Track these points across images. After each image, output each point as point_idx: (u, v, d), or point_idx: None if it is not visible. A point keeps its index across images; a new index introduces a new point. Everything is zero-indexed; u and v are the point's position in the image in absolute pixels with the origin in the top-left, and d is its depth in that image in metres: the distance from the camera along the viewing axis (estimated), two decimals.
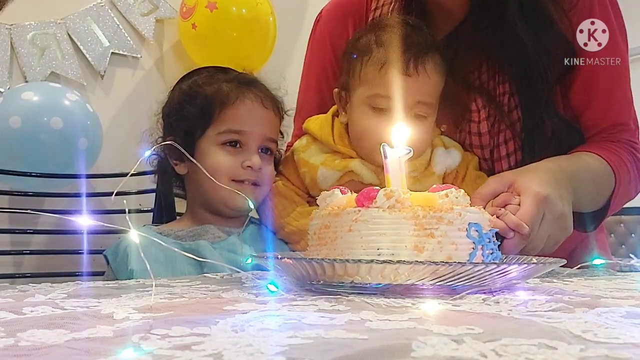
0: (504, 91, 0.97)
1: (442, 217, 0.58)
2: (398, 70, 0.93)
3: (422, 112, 0.96)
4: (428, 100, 0.96)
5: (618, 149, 0.97)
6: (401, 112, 0.92)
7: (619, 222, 3.70)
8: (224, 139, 1.04)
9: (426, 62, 0.94)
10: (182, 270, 0.93)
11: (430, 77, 0.95)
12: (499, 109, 0.97)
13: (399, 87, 0.92)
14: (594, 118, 0.99)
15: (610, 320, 0.41)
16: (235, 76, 1.10)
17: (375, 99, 0.96)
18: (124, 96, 1.96)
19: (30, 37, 1.84)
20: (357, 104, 0.99)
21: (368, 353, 0.31)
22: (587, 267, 0.77)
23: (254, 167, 1.03)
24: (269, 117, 1.07)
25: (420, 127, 0.95)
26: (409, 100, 0.93)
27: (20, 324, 0.40)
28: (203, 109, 1.04)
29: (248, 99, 1.05)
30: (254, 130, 1.04)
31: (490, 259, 0.61)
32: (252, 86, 1.08)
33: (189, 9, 1.90)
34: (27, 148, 1.57)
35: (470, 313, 0.46)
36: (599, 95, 0.99)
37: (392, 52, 0.94)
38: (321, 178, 1.01)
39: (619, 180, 0.94)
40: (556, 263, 0.62)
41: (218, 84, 1.06)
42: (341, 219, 0.61)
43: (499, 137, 0.97)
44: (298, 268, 0.59)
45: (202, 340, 0.34)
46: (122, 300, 0.53)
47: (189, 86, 1.09)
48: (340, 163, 1.00)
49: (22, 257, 1.75)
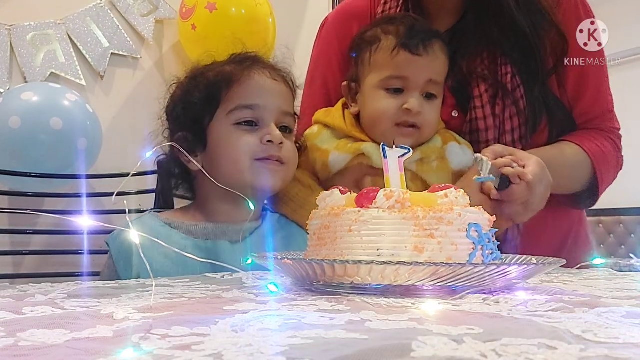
0: (506, 72, 1.03)
1: (442, 218, 0.58)
2: (408, 51, 0.98)
3: (434, 91, 1.01)
4: (438, 78, 1.01)
5: (600, 139, 1.07)
6: (414, 91, 0.98)
7: (619, 223, 3.70)
8: (237, 117, 0.96)
9: (434, 44, 1.00)
10: (194, 267, 0.85)
11: (438, 57, 1.00)
12: (502, 87, 1.03)
13: (409, 66, 0.98)
14: (586, 106, 1.08)
15: (610, 320, 0.41)
16: (235, 57, 1.04)
17: (389, 80, 1.00)
18: (123, 97, 1.96)
19: (30, 37, 1.84)
20: (370, 90, 1.02)
21: (368, 353, 0.31)
22: (588, 267, 0.77)
23: (274, 141, 0.94)
24: (281, 89, 1.00)
25: (432, 106, 1.01)
26: (421, 78, 0.99)
27: (20, 324, 0.40)
28: (209, 92, 0.97)
29: (254, 72, 0.99)
30: (267, 103, 0.97)
31: (490, 259, 0.61)
32: (255, 62, 1.02)
33: (189, 9, 1.90)
34: (27, 148, 1.57)
35: (470, 313, 0.46)
36: (591, 86, 1.08)
37: (401, 37, 0.99)
38: (332, 162, 1.02)
39: (599, 167, 1.04)
40: (556, 263, 0.62)
41: (220, 67, 1.01)
42: (341, 219, 0.61)
43: (505, 114, 1.03)
44: (298, 269, 0.59)
45: (202, 340, 0.34)
46: (122, 300, 0.53)
47: (189, 77, 1.02)
48: (352, 146, 1.01)
49: (22, 258, 1.75)
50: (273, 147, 0.95)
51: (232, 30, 1.88)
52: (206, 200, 1.01)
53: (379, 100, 1.00)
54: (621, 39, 3.14)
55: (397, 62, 0.99)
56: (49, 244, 1.75)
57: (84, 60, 1.91)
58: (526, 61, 1.03)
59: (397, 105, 0.99)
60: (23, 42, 1.83)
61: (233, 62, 1.02)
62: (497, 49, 1.04)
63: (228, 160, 0.95)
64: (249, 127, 0.96)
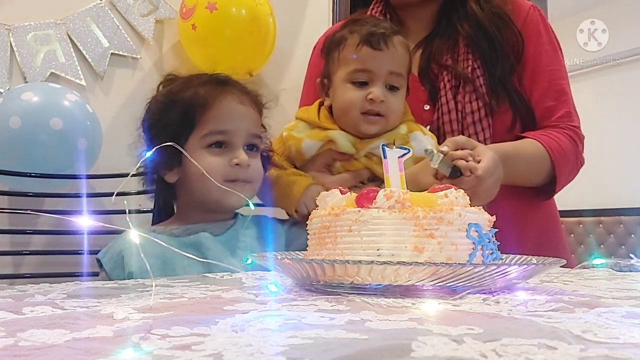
0: (468, 62, 1.18)
1: (442, 218, 0.58)
2: (369, 46, 1.09)
3: (396, 83, 1.11)
4: (398, 70, 1.11)
5: (560, 136, 1.17)
6: (377, 82, 1.10)
7: (619, 223, 3.70)
8: (209, 141, 1.06)
9: (394, 39, 1.11)
10: (181, 265, 0.94)
11: (397, 50, 1.11)
12: (463, 76, 1.17)
13: (373, 60, 1.10)
14: (545, 107, 1.21)
15: (610, 320, 0.41)
16: (208, 78, 1.12)
17: (354, 74, 1.11)
18: (123, 97, 1.96)
19: (30, 37, 1.84)
20: (339, 83, 1.13)
21: (368, 353, 0.31)
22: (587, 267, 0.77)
23: (242, 164, 1.05)
24: (249, 113, 1.10)
25: (395, 96, 1.11)
26: (382, 70, 1.10)
27: (20, 324, 0.40)
28: (183, 116, 1.06)
29: (226, 98, 1.08)
30: (237, 127, 1.07)
31: (490, 259, 0.61)
32: (227, 85, 1.11)
33: (189, 9, 1.90)
34: (27, 148, 1.57)
35: (470, 313, 0.46)
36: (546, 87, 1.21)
37: (364, 34, 1.10)
38: (305, 148, 1.14)
39: (557, 162, 1.14)
40: (556, 263, 0.62)
41: (194, 89, 1.09)
42: (341, 219, 0.61)
43: (465, 98, 1.16)
44: (298, 269, 0.59)
45: (202, 340, 0.34)
46: (122, 300, 0.53)
47: (165, 95, 1.11)
48: (322, 133, 1.13)
49: (22, 258, 1.75)
50: (241, 170, 1.05)
51: (232, 30, 1.88)
52: (185, 209, 1.12)
53: (346, 92, 1.11)
54: (621, 39, 3.15)
55: (361, 57, 1.10)
56: (49, 244, 1.75)
57: (84, 60, 1.91)
58: (489, 52, 1.18)
59: (363, 95, 1.09)
60: (23, 42, 1.83)
61: (208, 83, 1.10)
62: (465, 44, 1.19)
63: (200, 180, 1.04)
64: (219, 149, 1.06)
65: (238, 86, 1.12)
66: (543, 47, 1.23)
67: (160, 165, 1.08)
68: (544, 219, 1.26)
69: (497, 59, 1.18)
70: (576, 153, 1.20)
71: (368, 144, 1.10)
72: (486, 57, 1.18)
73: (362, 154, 1.10)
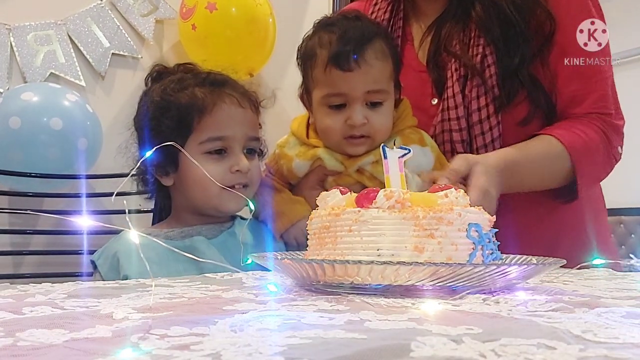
0: (478, 50, 1.04)
1: (442, 218, 0.58)
2: (338, 68, 0.99)
3: (377, 99, 1.02)
4: (376, 87, 1.01)
5: (586, 129, 1.02)
6: (355, 104, 1.00)
7: (619, 223, 3.70)
8: (207, 147, 1.02)
9: (365, 53, 0.99)
10: (177, 268, 0.93)
11: (372, 66, 1.00)
12: (470, 66, 1.03)
13: (345, 83, 0.99)
14: (572, 95, 1.04)
15: (610, 320, 0.41)
16: (205, 77, 1.07)
17: (328, 98, 1.02)
18: (123, 97, 1.96)
19: (30, 37, 1.84)
20: (316, 105, 1.05)
21: (367, 353, 0.31)
22: (587, 267, 0.77)
23: (242, 171, 1.03)
24: (248, 117, 1.06)
25: (378, 113, 1.02)
26: (357, 92, 1.00)
27: (20, 324, 0.40)
28: (180, 121, 1.02)
29: (224, 102, 1.04)
30: (235, 133, 1.03)
31: (490, 259, 0.61)
32: (225, 87, 1.06)
33: (189, 9, 1.90)
34: (27, 148, 1.57)
35: (469, 313, 0.46)
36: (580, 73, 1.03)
37: (332, 51, 0.99)
38: (295, 168, 1.08)
39: (578, 161, 1.00)
40: (556, 263, 0.62)
41: (190, 90, 1.03)
42: (341, 219, 0.61)
43: (472, 93, 1.03)
44: (298, 269, 0.59)
45: (201, 340, 0.34)
46: (122, 300, 0.53)
47: (160, 97, 1.05)
48: (309, 152, 1.07)
49: (22, 258, 1.75)
50: (241, 175, 1.03)
51: (232, 30, 1.88)
52: (181, 212, 1.09)
53: (324, 117, 1.04)
54: (621, 39, 3.14)
55: (331, 80, 1.00)
56: (49, 244, 1.75)
57: (84, 60, 1.91)
58: (504, 39, 1.02)
59: (342, 120, 1.01)
60: (23, 42, 1.83)
61: (203, 84, 1.05)
62: (476, 28, 1.05)
63: (197, 186, 1.03)
64: (218, 155, 1.03)
65: (236, 87, 1.07)
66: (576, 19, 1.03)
67: (156, 168, 1.05)
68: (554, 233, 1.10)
69: (514, 46, 1.02)
70: (607, 147, 1.04)
71: (357, 162, 1.04)
72: (499, 44, 1.02)
73: (352, 170, 1.04)
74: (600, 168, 1.05)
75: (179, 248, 0.98)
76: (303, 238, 1.03)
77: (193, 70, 1.10)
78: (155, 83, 1.09)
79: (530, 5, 1.02)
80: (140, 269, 0.89)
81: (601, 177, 1.08)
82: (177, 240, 1.02)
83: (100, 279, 0.98)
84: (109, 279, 0.96)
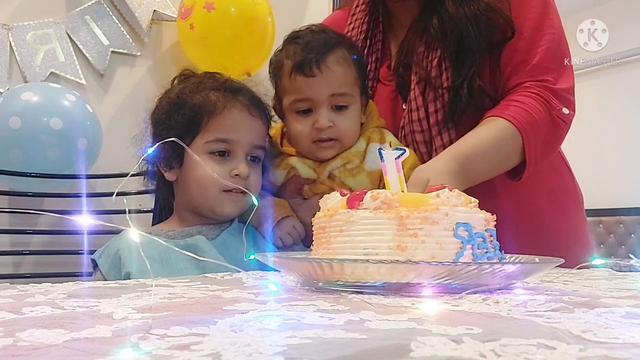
0: (435, 57, 1.08)
1: (426, 217, 0.59)
2: (302, 74, 1.05)
3: (342, 102, 1.07)
4: (340, 90, 1.06)
5: (525, 99, 1.03)
6: (320, 109, 1.06)
7: (619, 223, 3.71)
8: (212, 148, 1.05)
9: (327, 60, 1.05)
10: (178, 267, 0.94)
11: (334, 71, 1.06)
12: (426, 73, 1.08)
13: (309, 88, 1.05)
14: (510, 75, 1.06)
15: (610, 320, 0.41)
16: (222, 83, 1.11)
17: (295, 104, 1.08)
18: (123, 96, 1.96)
19: (29, 36, 1.84)
20: (286, 112, 1.11)
21: (367, 353, 0.31)
22: (587, 267, 0.77)
23: (241, 176, 1.04)
24: (256, 125, 1.09)
25: (344, 116, 1.07)
26: (322, 96, 1.05)
27: (19, 324, 0.40)
28: (191, 118, 1.05)
29: (235, 107, 1.07)
30: (241, 138, 1.06)
31: (483, 258, 0.60)
32: (239, 93, 1.09)
33: (187, 9, 1.89)
34: (27, 148, 1.57)
35: (469, 313, 0.46)
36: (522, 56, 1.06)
37: (296, 59, 1.06)
38: (272, 178, 1.13)
39: (527, 137, 1.01)
40: (555, 262, 0.62)
41: (205, 92, 1.07)
42: (334, 220, 0.63)
43: (429, 97, 1.08)
44: (292, 268, 0.59)
45: (201, 340, 0.34)
46: (122, 300, 0.53)
47: (177, 95, 1.09)
48: (283, 162, 1.12)
49: (22, 257, 1.75)
50: (239, 180, 1.04)
51: (230, 30, 1.88)
52: (182, 210, 1.11)
53: (293, 123, 1.09)
54: (621, 39, 3.15)
55: (296, 86, 1.06)
56: (49, 244, 1.75)
57: (84, 59, 1.91)
58: (457, 50, 1.06)
59: (309, 125, 1.06)
60: (22, 41, 1.83)
61: (219, 88, 1.09)
62: (434, 37, 1.09)
63: (197, 185, 1.05)
64: (221, 157, 1.05)
65: (250, 96, 1.10)
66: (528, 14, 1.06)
67: (161, 161, 1.08)
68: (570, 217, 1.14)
69: (468, 57, 1.05)
70: (549, 112, 1.03)
71: (326, 167, 1.08)
72: (452, 55, 1.06)
73: (324, 176, 1.08)
74: (548, 135, 1.05)
75: (181, 247, 1.00)
76: (288, 237, 1.06)
77: (215, 76, 1.13)
78: (179, 85, 1.13)
79: (491, 16, 1.05)
80: (142, 267, 0.90)
81: (551, 140, 1.07)
82: (178, 239, 1.04)
83: (101, 277, 0.99)
84: (110, 277, 0.97)
